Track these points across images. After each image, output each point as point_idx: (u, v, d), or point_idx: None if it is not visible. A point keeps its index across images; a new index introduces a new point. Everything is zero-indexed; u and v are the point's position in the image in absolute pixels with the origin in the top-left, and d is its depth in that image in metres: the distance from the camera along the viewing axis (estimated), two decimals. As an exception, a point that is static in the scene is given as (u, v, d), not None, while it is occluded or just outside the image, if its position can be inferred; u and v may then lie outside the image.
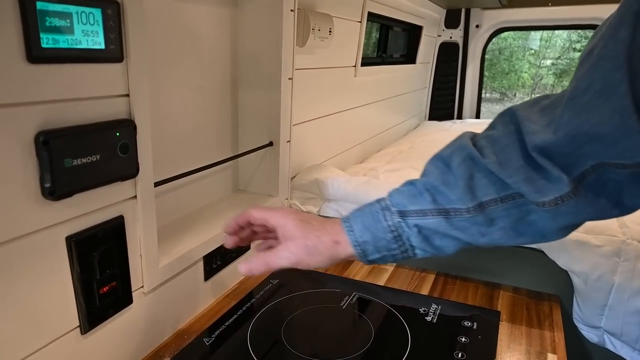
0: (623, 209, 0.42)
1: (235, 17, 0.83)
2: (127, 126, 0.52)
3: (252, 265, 0.54)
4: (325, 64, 1.14)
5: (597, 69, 0.37)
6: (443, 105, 2.49)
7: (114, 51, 0.49)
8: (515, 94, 12.17)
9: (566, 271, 0.78)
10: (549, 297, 0.79)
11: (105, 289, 0.54)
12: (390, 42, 1.81)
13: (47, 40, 0.43)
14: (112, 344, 0.57)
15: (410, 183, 0.52)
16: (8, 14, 0.39)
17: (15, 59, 0.41)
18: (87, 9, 0.46)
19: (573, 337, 0.80)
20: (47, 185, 0.45)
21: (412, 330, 0.68)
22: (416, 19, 1.86)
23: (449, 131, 2.01)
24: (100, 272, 0.53)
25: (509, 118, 0.48)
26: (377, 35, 1.74)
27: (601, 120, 0.37)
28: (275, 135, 0.88)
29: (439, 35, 2.34)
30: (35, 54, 0.42)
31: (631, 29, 0.35)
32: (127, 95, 0.52)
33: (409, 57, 2.01)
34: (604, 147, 0.38)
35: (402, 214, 0.50)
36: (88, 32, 0.47)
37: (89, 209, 0.50)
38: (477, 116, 2.52)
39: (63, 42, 0.44)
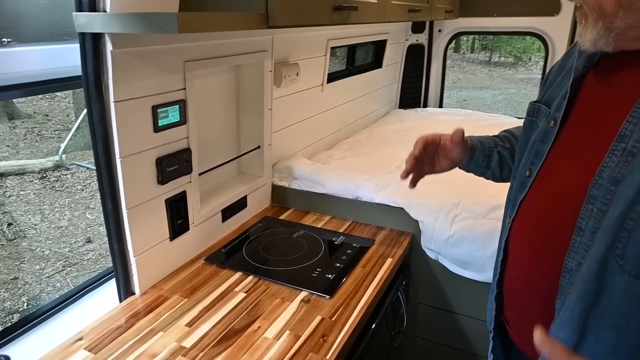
0: None
1: (238, 77, 1.47)
2: (188, 152, 1.19)
3: None
4: (296, 90, 1.77)
5: None
6: (411, 95, 3.08)
7: (183, 120, 1.15)
8: (530, 57, 12.31)
9: (416, 220, 1.43)
10: (407, 234, 1.45)
11: (178, 222, 1.22)
12: (358, 55, 2.40)
13: (160, 122, 1.09)
14: (182, 247, 1.26)
15: None
16: (147, 113, 1.05)
17: (150, 132, 1.07)
18: (174, 106, 1.11)
19: (423, 256, 1.46)
20: (160, 179, 1.12)
21: (325, 247, 1.36)
22: (381, 35, 2.44)
23: (407, 120, 2.61)
24: (177, 215, 1.20)
25: None
26: (346, 52, 2.33)
27: None
28: (261, 141, 1.54)
29: (407, 40, 2.90)
30: (156, 129, 1.08)
31: None
32: (187, 137, 1.19)
33: (377, 63, 2.60)
34: None
35: None
36: (174, 114, 1.12)
37: (173, 187, 1.17)
38: (440, 105, 3.11)
39: (165, 120, 1.10)
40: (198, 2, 1.02)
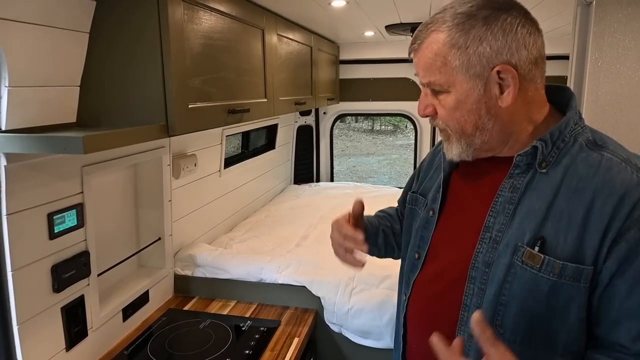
0: None
1: (136, 173, 1.50)
2: (86, 254, 1.17)
3: None
4: (195, 178, 1.83)
5: None
6: (305, 171, 3.29)
7: (80, 224, 1.15)
8: (406, 125, 13.84)
9: (318, 296, 1.53)
10: (311, 310, 1.54)
11: (75, 329, 1.16)
12: (252, 139, 2.55)
13: (56, 228, 1.07)
14: (80, 356, 1.19)
15: None
16: (42, 221, 1.03)
17: (44, 240, 1.04)
18: (70, 212, 1.11)
19: (328, 330, 1.55)
20: (56, 286, 1.08)
21: (232, 335, 1.38)
22: (272, 121, 2.64)
23: (302, 197, 2.78)
24: (74, 322, 1.15)
25: None
26: (240, 137, 2.47)
27: None
28: (162, 233, 1.55)
29: (296, 122, 3.15)
30: (52, 236, 1.06)
31: None
32: (85, 240, 1.17)
33: (270, 144, 2.77)
34: None
35: None
36: (71, 219, 1.12)
37: (70, 293, 1.14)
38: (332, 179, 3.36)
39: (61, 226, 1.09)
40: (93, 114, 1.06)
